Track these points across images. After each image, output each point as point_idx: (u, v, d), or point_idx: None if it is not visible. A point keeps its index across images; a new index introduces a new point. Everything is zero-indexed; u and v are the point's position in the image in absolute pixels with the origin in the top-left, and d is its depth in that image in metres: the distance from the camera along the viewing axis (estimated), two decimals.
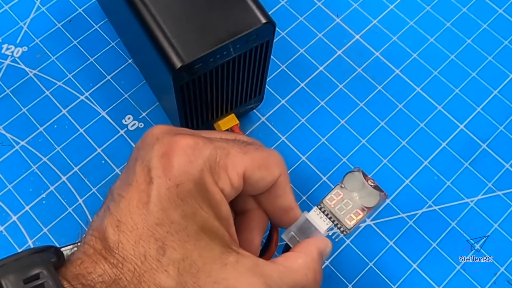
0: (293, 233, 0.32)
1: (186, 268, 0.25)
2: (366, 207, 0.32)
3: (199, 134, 0.28)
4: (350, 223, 0.32)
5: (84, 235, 0.27)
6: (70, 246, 0.31)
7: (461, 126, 0.42)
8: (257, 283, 0.26)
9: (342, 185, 0.32)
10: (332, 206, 0.32)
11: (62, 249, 0.26)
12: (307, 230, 0.32)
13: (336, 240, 0.37)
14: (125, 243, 0.25)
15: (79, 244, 0.27)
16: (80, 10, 0.45)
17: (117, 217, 0.25)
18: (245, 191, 0.29)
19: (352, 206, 0.32)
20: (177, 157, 0.26)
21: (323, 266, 0.36)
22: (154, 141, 0.27)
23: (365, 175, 0.32)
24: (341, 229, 0.32)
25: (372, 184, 0.32)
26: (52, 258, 0.24)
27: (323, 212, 0.32)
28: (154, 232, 0.25)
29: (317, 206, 0.32)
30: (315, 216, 0.31)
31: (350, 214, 0.32)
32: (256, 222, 0.31)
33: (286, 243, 0.32)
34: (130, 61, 0.44)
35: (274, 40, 0.34)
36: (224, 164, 0.27)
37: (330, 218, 0.32)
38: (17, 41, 0.44)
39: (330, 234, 0.37)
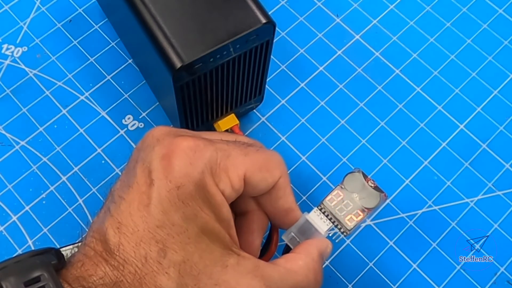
0: (293, 234, 0.32)
1: (187, 270, 0.25)
2: (366, 208, 0.32)
3: (200, 136, 0.28)
4: (350, 224, 0.32)
5: (85, 236, 0.27)
6: (71, 247, 0.31)
7: (461, 126, 0.42)
8: (258, 285, 0.26)
9: (342, 186, 0.32)
10: (332, 207, 0.32)
11: (62, 250, 0.26)
12: (307, 231, 0.32)
13: (337, 241, 0.37)
14: (126, 245, 0.25)
15: (79, 244, 0.27)
16: (80, 10, 0.45)
17: (118, 219, 0.25)
18: (245, 192, 0.29)
19: (352, 207, 0.32)
20: (177, 159, 0.26)
21: (323, 266, 0.36)
22: (155, 143, 0.27)
23: (365, 176, 0.32)
24: (341, 230, 0.32)
25: (372, 185, 0.32)
26: (53, 260, 0.24)
27: (323, 213, 0.32)
28: (155, 234, 0.25)
29: (317, 207, 0.32)
30: (315, 217, 0.31)
31: (350, 215, 0.32)
32: (257, 224, 0.31)
33: (286, 244, 0.32)
34: (130, 61, 0.44)
35: (274, 40, 0.34)
36: (225, 166, 0.27)
37: (330, 219, 0.32)
38: (17, 41, 0.44)
39: (330, 235, 0.37)
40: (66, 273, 0.24)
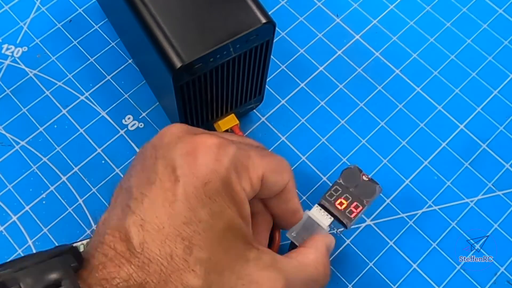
0: (297, 231, 0.33)
1: (212, 267, 0.25)
2: (365, 200, 0.34)
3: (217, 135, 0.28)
4: (351, 216, 0.34)
5: (95, 235, 0.26)
6: (85, 242, 0.30)
7: (461, 126, 0.42)
8: (277, 278, 0.27)
9: (340, 182, 0.34)
10: (332, 202, 0.34)
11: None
12: (310, 227, 0.33)
13: (338, 234, 0.37)
14: (150, 243, 0.24)
15: (85, 242, 0.26)
16: (80, 10, 0.45)
17: (141, 216, 0.25)
18: (257, 193, 0.29)
19: (351, 200, 0.34)
20: (204, 156, 0.26)
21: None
22: (176, 140, 0.27)
23: (360, 171, 0.34)
24: (344, 221, 0.34)
25: (367, 178, 0.34)
26: (73, 262, 0.23)
27: (325, 208, 0.33)
28: (181, 231, 0.24)
29: (318, 204, 0.33)
30: (317, 213, 0.33)
31: (350, 207, 0.34)
32: (263, 225, 0.32)
33: (291, 241, 0.33)
34: (130, 61, 0.44)
35: (274, 40, 0.34)
36: (246, 166, 0.27)
37: (331, 214, 0.33)
38: (17, 41, 0.44)
39: (333, 231, 0.37)
40: (87, 276, 0.24)
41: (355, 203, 0.34)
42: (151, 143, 0.28)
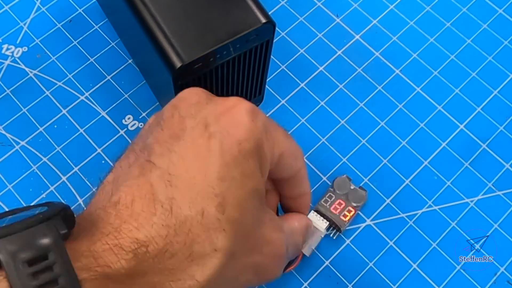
0: None
1: (240, 228, 0.24)
2: (356, 205, 0.38)
3: None
4: (345, 220, 0.37)
5: (99, 195, 0.24)
6: None
7: (461, 126, 0.42)
8: (283, 239, 0.29)
9: (333, 189, 0.38)
10: (328, 207, 0.38)
11: None
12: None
13: (334, 237, 0.38)
14: (179, 200, 0.22)
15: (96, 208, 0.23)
16: (80, 10, 0.45)
17: (169, 171, 0.23)
18: (270, 172, 0.29)
19: (344, 205, 0.38)
20: (240, 115, 0.25)
21: (322, 267, 0.37)
22: (205, 101, 0.26)
23: (349, 179, 0.39)
24: (339, 224, 0.37)
25: (355, 187, 0.39)
26: (63, 228, 0.19)
27: (320, 213, 0.36)
28: (214, 187, 0.23)
29: (314, 209, 0.37)
30: (314, 218, 0.36)
31: (344, 212, 0.37)
32: (271, 203, 0.32)
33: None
34: (130, 61, 0.44)
35: (274, 40, 0.34)
36: (272, 137, 0.27)
37: (326, 218, 0.36)
38: (17, 41, 0.44)
39: (329, 234, 0.38)
40: (92, 242, 0.21)
41: (347, 208, 0.38)
42: (171, 104, 0.26)
